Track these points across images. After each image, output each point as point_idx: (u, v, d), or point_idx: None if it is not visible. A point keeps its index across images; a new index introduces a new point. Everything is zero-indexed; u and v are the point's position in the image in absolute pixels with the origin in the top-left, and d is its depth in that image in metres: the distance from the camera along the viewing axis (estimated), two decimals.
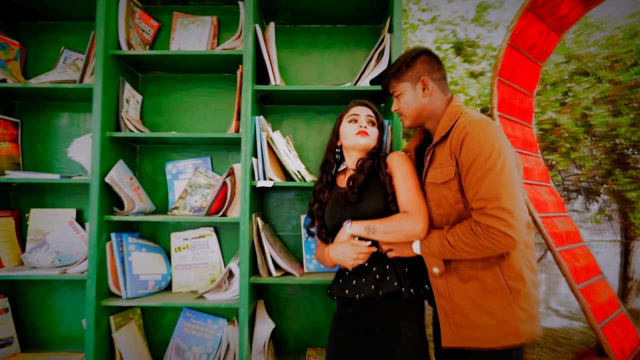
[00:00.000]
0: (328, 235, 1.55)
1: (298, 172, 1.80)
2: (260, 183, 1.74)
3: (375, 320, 1.37)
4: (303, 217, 2.00)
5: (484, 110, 3.00)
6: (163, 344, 2.00)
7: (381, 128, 1.59)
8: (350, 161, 1.56)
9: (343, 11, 1.96)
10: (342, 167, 1.64)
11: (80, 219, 2.05)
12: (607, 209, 3.94)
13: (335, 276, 1.52)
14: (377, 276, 1.38)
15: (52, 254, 1.93)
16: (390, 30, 1.80)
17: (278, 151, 1.78)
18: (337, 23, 2.08)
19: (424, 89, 1.36)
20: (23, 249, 2.00)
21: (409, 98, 1.39)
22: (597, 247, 6.19)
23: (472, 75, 3.20)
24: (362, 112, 1.54)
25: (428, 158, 1.35)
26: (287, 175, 1.87)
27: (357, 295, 1.36)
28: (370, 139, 1.52)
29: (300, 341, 2.02)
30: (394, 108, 1.45)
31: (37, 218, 2.02)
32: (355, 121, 1.53)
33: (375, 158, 1.52)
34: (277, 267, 1.80)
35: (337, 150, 1.59)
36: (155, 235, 2.06)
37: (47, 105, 2.09)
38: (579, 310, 5.92)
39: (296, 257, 2.02)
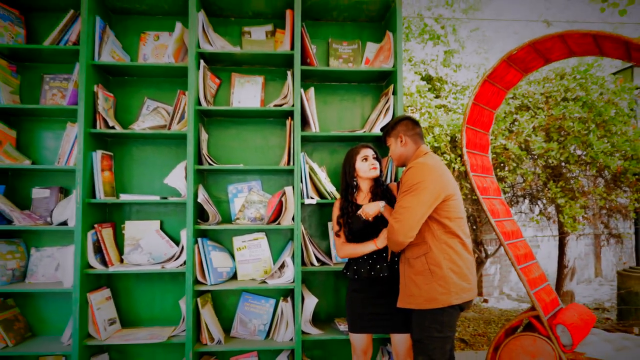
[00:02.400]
0: (353, 236, 2.31)
1: (331, 192, 2.57)
2: (307, 201, 2.49)
3: (387, 287, 2.21)
4: (330, 224, 2.76)
5: (453, 138, 3.87)
6: (227, 319, 2.70)
7: (379, 160, 2.37)
8: (364, 186, 2.35)
9: (358, 76, 2.75)
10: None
11: (162, 228, 2.72)
12: (546, 211, 4.93)
13: (352, 264, 2.28)
14: (391, 262, 2.20)
15: (146, 254, 2.59)
16: (394, 93, 2.60)
17: (318, 177, 2.54)
18: (352, 82, 2.87)
19: (401, 141, 2.16)
20: (119, 252, 2.66)
21: (394, 148, 2.21)
22: (542, 241, 7.30)
23: (442, 107, 4.06)
24: (370, 153, 2.33)
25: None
26: (320, 194, 2.62)
27: (381, 274, 2.16)
28: (378, 171, 2.32)
29: (329, 314, 2.79)
30: (389, 154, 2.27)
31: (131, 228, 2.67)
32: (366, 159, 2.31)
33: (382, 186, 2.34)
34: (317, 259, 2.56)
35: (354, 179, 2.36)
36: (219, 239, 2.76)
37: (133, 141, 2.74)
38: (526, 294, 7.00)
39: (325, 253, 2.77)
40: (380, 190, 2.32)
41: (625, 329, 4.35)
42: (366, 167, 2.29)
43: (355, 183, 2.34)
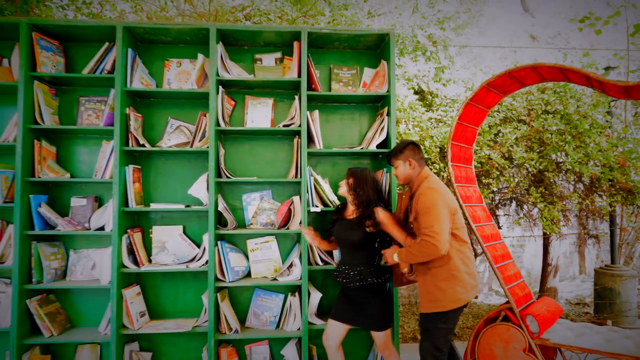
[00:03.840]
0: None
1: (333, 201, 2.95)
2: (313, 209, 2.87)
3: (370, 293, 2.61)
4: None
5: (442, 148, 4.25)
6: (242, 312, 3.08)
7: (348, 183, 2.63)
8: (349, 203, 2.71)
9: (357, 99, 3.13)
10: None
11: (184, 232, 3.09)
12: (530, 214, 5.33)
13: (342, 274, 2.65)
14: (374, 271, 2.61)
15: (171, 255, 2.96)
16: (388, 114, 2.98)
17: (322, 188, 2.92)
18: (351, 103, 3.24)
19: (409, 164, 2.53)
20: (147, 253, 3.02)
21: (401, 169, 2.56)
22: (529, 241, 7.71)
23: (432, 119, 4.44)
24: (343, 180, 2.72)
25: (411, 204, 2.50)
26: (323, 203, 3.00)
27: (368, 281, 2.57)
28: (340, 190, 2.69)
29: (331, 307, 3.15)
30: (393, 172, 2.62)
31: (157, 232, 3.04)
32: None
33: (365, 205, 2.61)
34: (321, 259, 2.94)
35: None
36: (235, 241, 3.13)
37: (159, 155, 3.10)
38: None
39: (328, 254, 3.15)
40: (365, 209, 2.59)
41: (600, 322, 4.75)
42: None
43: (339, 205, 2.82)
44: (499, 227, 6.02)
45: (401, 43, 5.17)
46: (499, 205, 5.46)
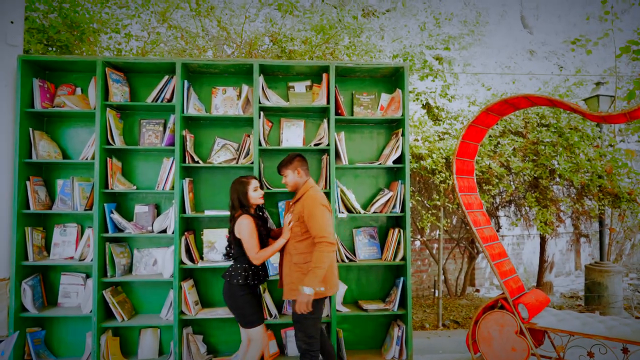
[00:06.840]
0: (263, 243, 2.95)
1: (357, 208, 3.50)
2: (340, 215, 3.42)
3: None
4: (355, 230, 3.70)
5: (447, 158, 4.79)
6: (280, 301, 3.64)
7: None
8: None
9: (375, 121, 3.67)
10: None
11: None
12: (526, 215, 5.87)
13: (247, 273, 2.89)
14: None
15: (219, 254, 3.53)
16: (402, 135, 3.52)
17: (348, 197, 3.47)
18: (370, 124, 3.79)
19: (298, 173, 2.98)
20: (199, 252, 3.59)
21: (290, 177, 2.97)
22: (527, 239, 8.24)
23: (438, 132, 4.98)
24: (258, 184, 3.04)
25: (292, 208, 2.94)
26: (348, 210, 3.55)
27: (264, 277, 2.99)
28: None
29: (353, 297, 3.73)
30: (283, 181, 3.03)
31: (207, 234, 3.60)
32: (256, 190, 3.00)
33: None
34: (346, 257, 3.50)
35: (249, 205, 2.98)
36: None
37: (207, 169, 3.66)
38: None
39: (352, 252, 3.70)
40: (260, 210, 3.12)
41: (590, 312, 5.29)
42: (258, 195, 2.97)
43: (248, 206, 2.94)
44: (500, 227, 6.57)
45: (410, 60, 5.70)
46: (500, 208, 6.00)
